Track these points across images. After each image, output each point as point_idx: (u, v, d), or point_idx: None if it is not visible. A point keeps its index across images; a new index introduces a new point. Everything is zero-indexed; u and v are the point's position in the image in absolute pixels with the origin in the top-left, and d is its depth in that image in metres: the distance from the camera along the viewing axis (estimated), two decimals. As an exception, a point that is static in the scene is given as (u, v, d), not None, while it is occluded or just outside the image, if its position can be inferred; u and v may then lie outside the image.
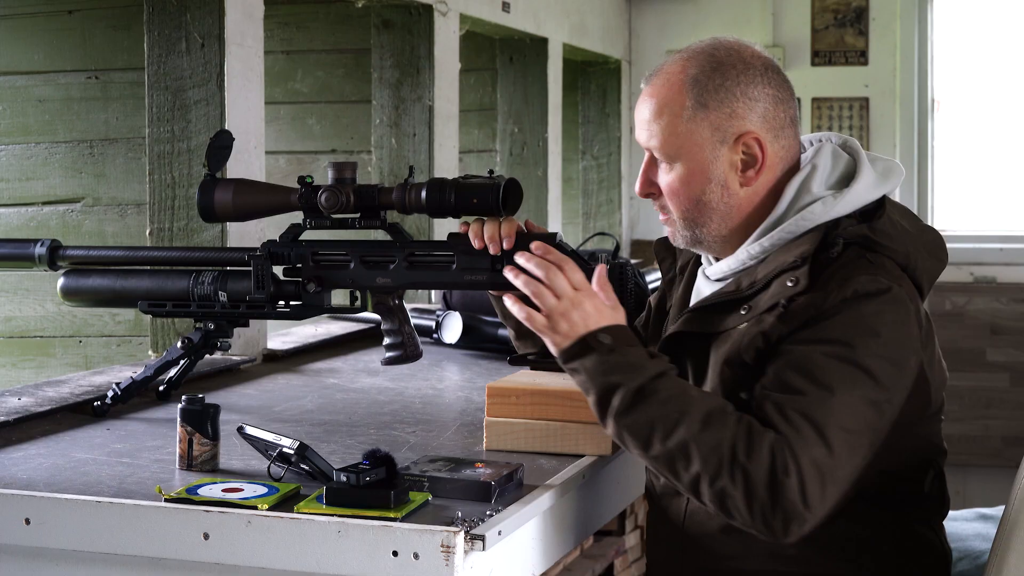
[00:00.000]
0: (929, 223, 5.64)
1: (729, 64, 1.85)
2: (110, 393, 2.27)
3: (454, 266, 2.06)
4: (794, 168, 1.90)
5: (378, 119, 3.82)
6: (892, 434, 1.76)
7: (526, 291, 1.84)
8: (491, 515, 1.63)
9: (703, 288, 1.96)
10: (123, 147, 3.23)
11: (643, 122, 1.89)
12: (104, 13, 3.25)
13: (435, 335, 2.94)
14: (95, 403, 2.26)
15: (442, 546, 1.52)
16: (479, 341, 2.92)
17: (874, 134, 5.60)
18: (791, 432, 1.66)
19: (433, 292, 3.64)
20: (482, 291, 2.09)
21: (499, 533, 1.60)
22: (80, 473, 1.85)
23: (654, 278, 3.02)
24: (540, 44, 4.73)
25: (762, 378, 1.75)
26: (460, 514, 1.63)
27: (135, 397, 2.30)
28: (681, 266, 2.06)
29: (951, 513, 2.66)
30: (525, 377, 2.09)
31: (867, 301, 1.73)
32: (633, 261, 2.16)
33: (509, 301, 1.87)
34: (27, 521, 1.68)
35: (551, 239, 2.05)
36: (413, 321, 2.17)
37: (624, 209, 5.71)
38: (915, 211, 5.54)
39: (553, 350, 1.81)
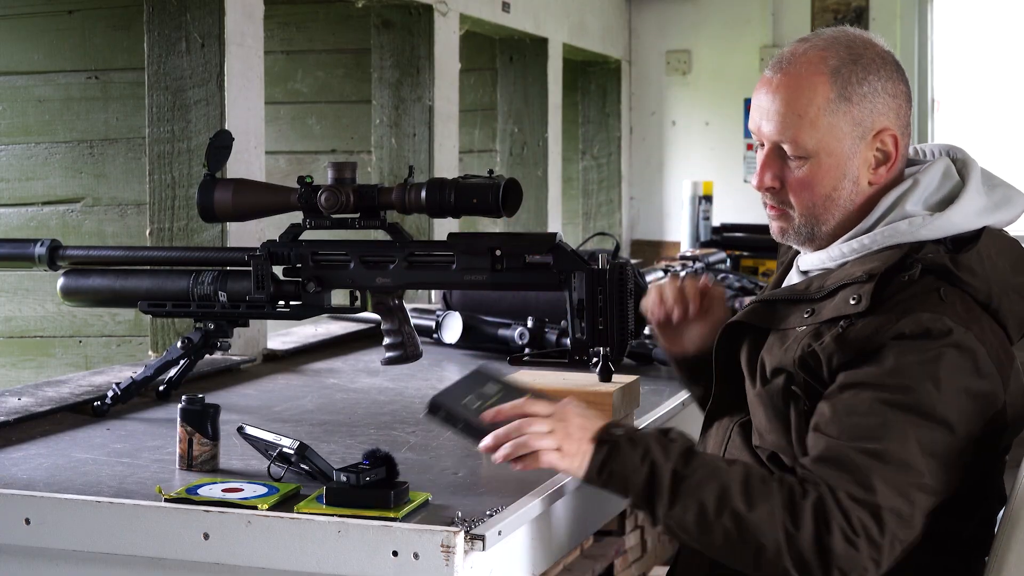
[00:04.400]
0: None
1: (869, 58, 1.79)
2: (110, 393, 2.27)
3: (454, 266, 2.07)
4: (899, 178, 1.82)
5: (378, 119, 3.82)
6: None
7: (517, 446, 1.69)
8: (491, 515, 1.63)
9: (794, 280, 1.90)
10: (123, 147, 3.23)
11: (773, 113, 1.79)
12: (104, 13, 3.25)
13: (435, 335, 2.94)
14: (95, 403, 2.25)
15: (442, 546, 1.52)
16: (479, 341, 2.92)
17: (874, 134, 5.59)
18: (834, 483, 1.60)
19: (433, 292, 3.64)
20: (482, 291, 2.09)
21: (499, 533, 1.60)
22: (80, 473, 1.85)
23: (654, 278, 3.01)
24: (540, 44, 4.73)
25: (816, 411, 1.69)
26: (460, 514, 1.63)
27: (135, 397, 2.30)
28: (792, 256, 1.99)
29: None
30: (525, 377, 2.08)
31: (925, 342, 1.65)
32: (633, 261, 2.15)
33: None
34: (27, 521, 1.68)
35: (551, 239, 2.05)
36: (413, 321, 2.17)
37: (624, 209, 5.71)
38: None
39: (579, 470, 1.69)
